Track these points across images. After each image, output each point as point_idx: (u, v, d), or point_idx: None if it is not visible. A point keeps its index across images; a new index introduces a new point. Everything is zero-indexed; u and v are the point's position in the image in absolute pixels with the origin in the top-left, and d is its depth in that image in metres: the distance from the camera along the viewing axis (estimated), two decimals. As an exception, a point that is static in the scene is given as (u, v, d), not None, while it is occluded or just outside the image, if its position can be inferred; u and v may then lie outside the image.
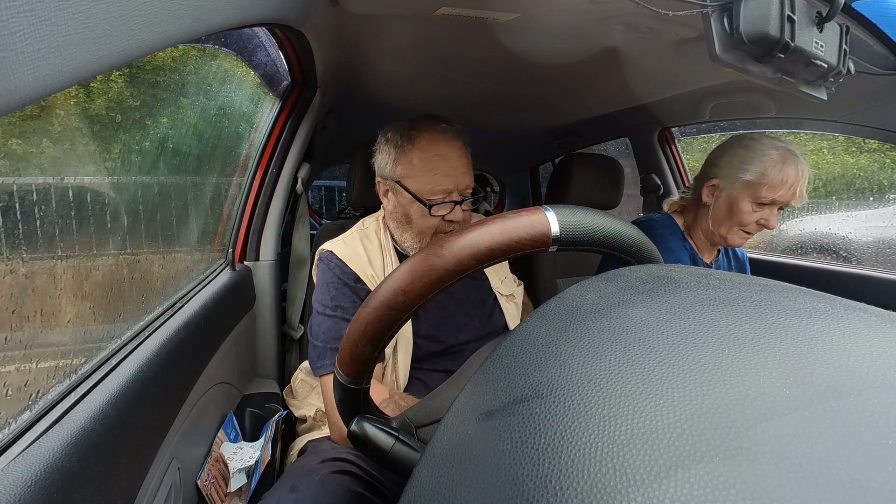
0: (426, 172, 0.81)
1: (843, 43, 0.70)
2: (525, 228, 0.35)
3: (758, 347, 0.19)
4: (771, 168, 0.90)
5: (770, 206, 0.93)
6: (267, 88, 1.12)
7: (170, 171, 0.86)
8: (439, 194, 0.81)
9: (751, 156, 0.93)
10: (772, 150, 0.92)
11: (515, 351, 0.23)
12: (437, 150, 0.82)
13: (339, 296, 0.82)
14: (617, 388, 0.18)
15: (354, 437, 0.40)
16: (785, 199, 0.92)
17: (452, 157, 0.83)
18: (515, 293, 0.99)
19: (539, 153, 2.19)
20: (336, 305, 0.82)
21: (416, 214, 0.85)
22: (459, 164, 0.83)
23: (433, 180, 0.81)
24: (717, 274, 0.28)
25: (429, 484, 0.20)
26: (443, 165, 0.82)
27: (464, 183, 0.83)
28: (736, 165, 0.95)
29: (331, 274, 0.85)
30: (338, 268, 0.85)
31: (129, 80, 0.73)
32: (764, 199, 0.92)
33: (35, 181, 0.52)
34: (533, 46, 0.94)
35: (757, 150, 0.93)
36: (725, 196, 0.96)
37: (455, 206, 0.83)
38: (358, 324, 0.36)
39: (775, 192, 0.91)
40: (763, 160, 0.91)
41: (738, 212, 0.94)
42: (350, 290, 0.83)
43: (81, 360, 0.54)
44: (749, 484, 0.13)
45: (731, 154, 0.96)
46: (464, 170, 0.84)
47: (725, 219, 0.97)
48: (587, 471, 0.15)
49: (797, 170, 0.91)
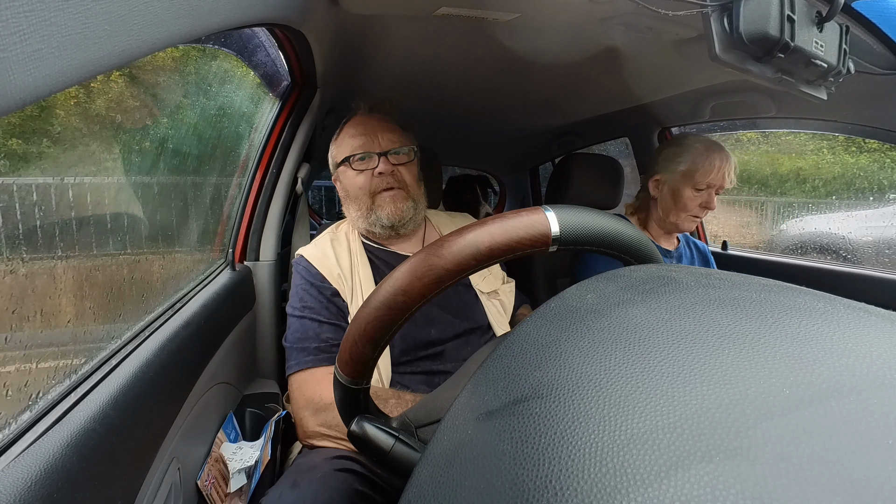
0: (346, 140, 0.91)
1: (843, 43, 0.70)
2: (525, 228, 0.35)
3: (758, 347, 0.19)
4: (698, 157, 1.08)
5: (707, 190, 1.10)
6: (267, 88, 1.12)
7: (170, 171, 0.86)
8: (360, 152, 0.87)
9: (681, 150, 1.12)
10: (697, 143, 1.10)
11: (515, 351, 0.23)
12: (356, 121, 0.92)
13: (307, 296, 0.85)
14: (617, 388, 0.18)
15: (354, 437, 0.40)
16: (718, 182, 1.09)
17: (370, 121, 0.91)
18: (500, 290, 0.98)
19: (539, 153, 2.19)
20: (304, 306, 0.84)
21: (350, 183, 0.90)
22: (377, 125, 0.90)
23: (351, 142, 0.89)
24: (716, 274, 0.28)
25: (429, 484, 0.20)
26: (359, 128, 0.90)
27: (384, 138, 0.88)
28: (671, 160, 1.13)
29: (299, 277, 0.88)
30: (305, 270, 0.88)
31: (129, 81, 0.73)
32: (700, 185, 1.09)
33: (35, 181, 0.52)
34: (533, 46, 0.94)
35: (685, 145, 1.12)
36: (668, 188, 1.14)
37: (379, 158, 0.87)
38: (358, 324, 0.36)
39: (707, 176, 1.08)
40: (691, 152, 1.10)
41: (682, 198, 1.11)
42: (317, 290, 0.85)
43: (81, 360, 0.54)
44: (749, 484, 0.13)
45: (666, 152, 1.16)
46: (382, 129, 0.89)
47: (672, 207, 1.13)
48: (587, 471, 0.15)
49: (721, 156, 1.08)
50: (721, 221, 2.23)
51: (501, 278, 1.01)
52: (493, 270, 1.00)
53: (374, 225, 0.90)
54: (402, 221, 0.90)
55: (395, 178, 0.88)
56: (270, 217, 1.14)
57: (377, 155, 0.87)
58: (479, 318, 0.91)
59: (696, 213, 1.12)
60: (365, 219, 0.90)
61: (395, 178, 0.88)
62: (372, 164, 0.87)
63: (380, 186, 0.88)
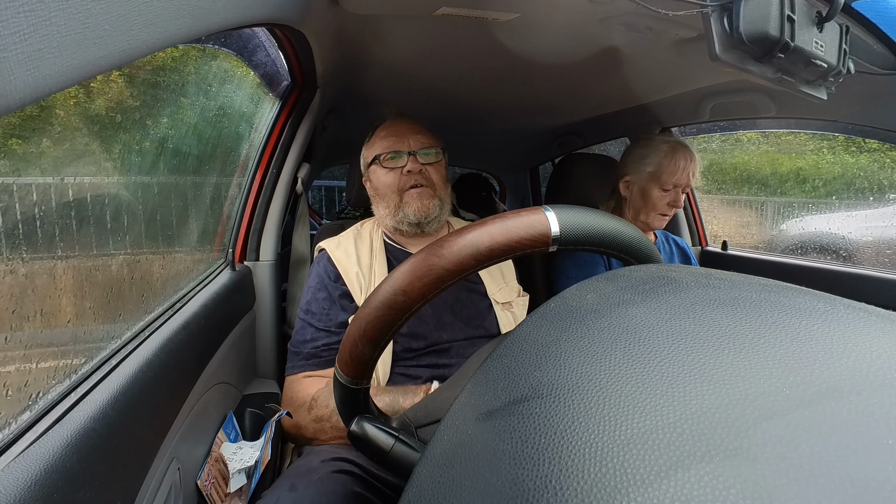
0: (377, 141, 0.95)
1: (843, 43, 0.70)
2: (525, 228, 0.35)
3: (758, 347, 0.18)
4: (664, 158, 1.10)
5: (674, 190, 1.12)
6: (267, 88, 1.12)
7: (170, 171, 0.86)
8: (390, 151, 0.91)
9: (647, 152, 1.14)
10: (663, 144, 1.12)
11: (515, 351, 0.23)
12: (387, 125, 0.97)
13: (313, 302, 0.88)
14: (617, 388, 0.18)
15: (354, 437, 0.40)
16: (683, 182, 1.11)
17: (401, 123, 0.96)
18: (514, 303, 0.97)
19: (539, 153, 2.19)
20: (308, 310, 0.88)
21: (380, 181, 0.94)
22: (407, 127, 0.94)
23: (382, 143, 0.93)
24: (716, 274, 0.28)
25: (429, 484, 0.20)
26: (390, 129, 0.95)
27: (413, 139, 0.92)
28: (639, 161, 1.15)
29: (316, 273, 0.91)
30: (324, 267, 0.91)
31: (128, 81, 0.73)
32: (666, 185, 1.11)
33: (34, 181, 0.52)
34: (533, 46, 0.94)
35: (651, 147, 1.14)
36: (637, 188, 1.16)
37: (408, 156, 0.91)
38: (358, 324, 0.36)
39: (673, 177, 1.10)
40: (657, 153, 1.11)
41: (650, 198, 1.13)
42: (326, 292, 0.88)
43: (81, 360, 0.54)
44: (749, 484, 0.13)
45: (633, 154, 1.17)
46: (412, 130, 0.94)
47: (642, 207, 1.15)
48: (587, 471, 0.15)
49: (686, 156, 1.10)
50: (721, 221, 2.23)
51: (517, 291, 1.00)
52: (508, 282, 0.99)
53: (401, 223, 0.92)
54: (428, 219, 0.92)
55: (422, 176, 0.91)
56: (270, 217, 1.14)
57: (406, 154, 0.91)
58: (491, 327, 0.92)
59: (665, 212, 1.15)
60: (392, 216, 0.92)
61: (422, 177, 0.91)
62: (401, 162, 0.91)
63: (408, 184, 0.90)
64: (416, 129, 0.95)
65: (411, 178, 0.90)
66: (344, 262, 0.90)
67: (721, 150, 2.40)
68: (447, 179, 0.99)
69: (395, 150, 0.91)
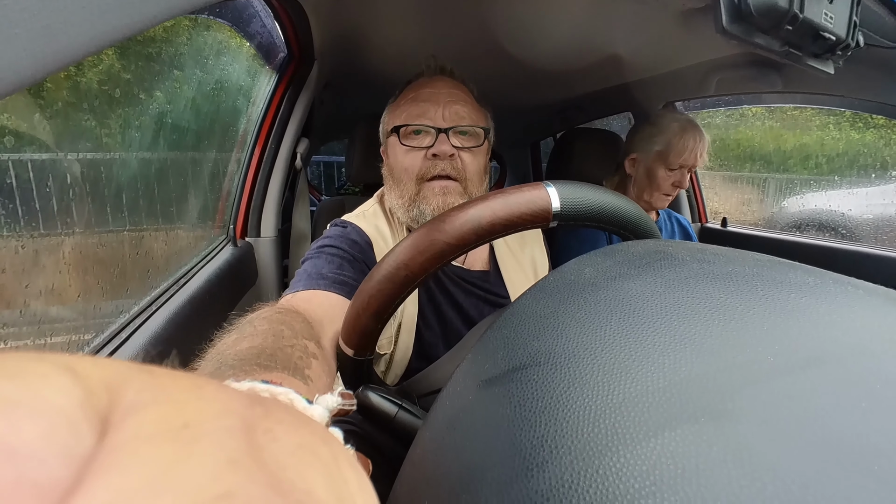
0: (403, 104, 0.69)
1: (853, 15, 0.69)
2: (526, 203, 0.36)
3: (747, 319, 0.19)
4: (673, 137, 1.08)
5: (680, 170, 1.10)
6: (263, 61, 1.09)
7: (168, 146, 0.85)
8: (414, 124, 0.66)
9: (657, 130, 1.11)
10: (673, 123, 1.09)
11: (514, 322, 0.24)
12: (421, 83, 0.70)
13: (337, 240, 0.66)
14: (611, 355, 0.19)
15: (361, 405, 0.41)
16: (690, 163, 1.08)
17: (439, 83, 0.69)
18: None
19: (540, 128, 2.15)
20: (325, 245, 0.65)
21: (396, 162, 0.69)
22: (447, 91, 0.68)
23: (408, 108, 0.67)
24: (712, 249, 0.28)
25: (431, 445, 0.22)
26: (424, 90, 0.68)
27: (450, 110, 0.66)
28: (647, 139, 1.12)
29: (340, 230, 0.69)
30: (354, 230, 0.69)
31: (121, 54, 0.71)
32: (673, 165, 1.09)
33: (32, 157, 0.52)
34: (534, 17, 0.92)
35: (661, 125, 1.11)
36: (643, 167, 1.14)
37: (437, 133, 0.65)
38: (361, 297, 0.37)
39: (680, 157, 1.07)
40: (667, 132, 1.09)
41: (656, 178, 1.11)
42: (358, 247, 0.67)
43: (88, 335, 0.55)
44: (731, 443, 0.14)
45: (643, 131, 1.15)
46: (452, 97, 0.67)
47: (646, 186, 1.14)
48: (581, 430, 0.16)
49: (695, 136, 1.07)
50: (722, 198, 2.22)
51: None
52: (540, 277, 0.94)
53: (415, 221, 0.68)
54: None
55: (452, 164, 0.66)
56: (270, 193, 1.14)
57: (435, 130, 0.65)
58: None
59: (669, 192, 1.13)
60: (406, 211, 0.68)
61: (452, 166, 0.66)
62: (427, 140, 0.66)
63: (431, 172, 0.66)
64: (457, 95, 0.68)
65: (437, 164, 0.65)
66: (378, 241, 0.70)
67: (725, 126, 2.36)
68: (487, 171, 0.73)
69: (422, 123, 0.66)
